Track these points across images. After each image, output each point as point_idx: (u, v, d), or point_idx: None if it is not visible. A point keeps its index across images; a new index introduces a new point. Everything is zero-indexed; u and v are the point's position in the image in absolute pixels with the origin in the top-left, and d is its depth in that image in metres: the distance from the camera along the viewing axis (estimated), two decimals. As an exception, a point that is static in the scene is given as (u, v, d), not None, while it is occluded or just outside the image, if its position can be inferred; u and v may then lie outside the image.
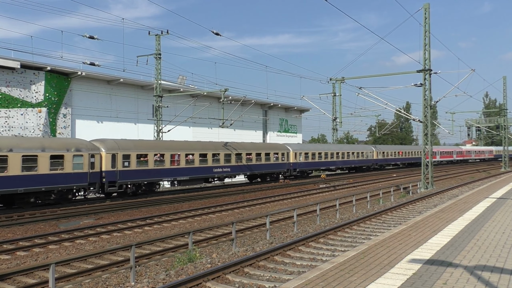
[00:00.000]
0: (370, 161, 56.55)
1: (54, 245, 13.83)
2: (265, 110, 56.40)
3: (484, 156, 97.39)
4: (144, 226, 17.09)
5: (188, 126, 43.42)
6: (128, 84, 39.19)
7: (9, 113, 30.45)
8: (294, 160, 42.14)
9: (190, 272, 9.67)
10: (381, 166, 60.86)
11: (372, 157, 56.73)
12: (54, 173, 22.82)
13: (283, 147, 41.73)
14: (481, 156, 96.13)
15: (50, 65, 32.85)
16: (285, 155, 41.09)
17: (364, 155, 54.91)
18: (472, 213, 14.65)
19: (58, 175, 23.01)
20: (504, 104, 59.29)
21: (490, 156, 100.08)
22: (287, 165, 41.40)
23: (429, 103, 29.61)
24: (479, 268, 7.65)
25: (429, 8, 28.75)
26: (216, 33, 27.75)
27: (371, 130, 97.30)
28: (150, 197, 27.25)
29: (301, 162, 43.16)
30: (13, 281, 9.89)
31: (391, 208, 19.10)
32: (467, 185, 32.47)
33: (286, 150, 41.51)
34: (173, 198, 26.49)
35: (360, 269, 7.69)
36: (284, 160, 41.04)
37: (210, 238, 14.06)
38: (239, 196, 27.57)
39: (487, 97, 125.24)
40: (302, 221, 17.22)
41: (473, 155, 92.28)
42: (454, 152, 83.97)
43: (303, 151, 43.68)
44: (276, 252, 11.09)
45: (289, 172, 41.55)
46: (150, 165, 27.90)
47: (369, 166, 56.91)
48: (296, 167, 42.46)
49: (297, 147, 43.94)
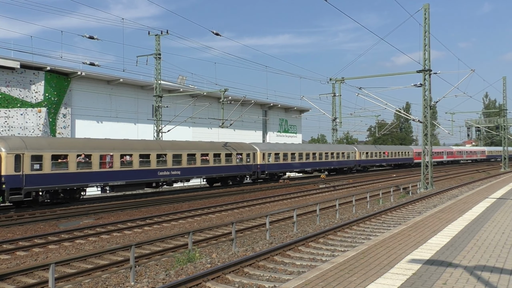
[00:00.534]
0: (352, 162, 52.46)
1: (53, 245, 13.83)
2: (265, 110, 56.40)
3: (476, 157, 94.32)
4: (144, 226, 17.09)
5: (188, 126, 43.42)
6: (128, 84, 39.18)
7: (8, 113, 30.44)
8: (262, 161, 38.32)
9: (190, 272, 9.67)
10: (365, 167, 56.42)
11: (354, 158, 52.81)
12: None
13: (249, 147, 37.61)
14: (472, 156, 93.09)
15: (50, 65, 32.83)
16: (251, 156, 37.06)
17: (345, 156, 50.82)
18: (471, 213, 14.66)
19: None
20: (504, 105, 59.32)
21: (482, 156, 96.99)
22: (254, 167, 37.30)
23: (429, 104, 29.62)
24: (478, 268, 7.65)
25: (429, 9, 28.77)
26: (216, 33, 27.75)
27: (371, 130, 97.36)
28: (150, 198, 27.25)
29: (271, 163, 39.50)
30: (13, 281, 9.89)
31: (390, 208, 19.10)
32: (466, 185, 32.47)
33: (252, 150, 37.66)
34: (173, 198, 26.48)
35: (360, 269, 7.69)
36: (250, 162, 36.87)
37: (210, 238, 14.06)
38: (239, 196, 27.58)
39: (487, 98, 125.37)
40: (302, 221, 17.22)
41: (465, 156, 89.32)
42: (444, 153, 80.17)
43: (273, 151, 39.93)
44: (276, 252, 11.09)
45: (256, 175, 37.79)
46: (71, 168, 23.59)
47: (351, 167, 52.73)
48: (265, 169, 38.69)
49: (266, 146, 40.08)
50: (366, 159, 55.43)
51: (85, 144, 25.40)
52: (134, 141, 29.43)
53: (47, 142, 24.02)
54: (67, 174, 23.58)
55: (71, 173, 23.72)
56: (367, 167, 57.43)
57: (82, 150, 24.65)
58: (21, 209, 22.11)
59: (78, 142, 25.74)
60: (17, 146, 21.87)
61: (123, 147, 27.03)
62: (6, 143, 21.64)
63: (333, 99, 51.23)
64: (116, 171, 26.08)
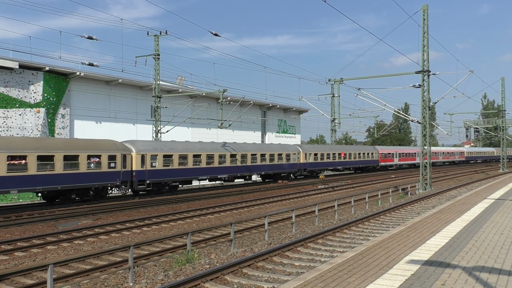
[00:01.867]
0: (296, 166, 43.29)
1: (52, 246, 13.81)
2: (263, 111, 56.40)
3: (453, 158, 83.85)
4: (143, 226, 17.07)
5: (187, 126, 43.41)
6: (126, 85, 39.14)
7: (7, 114, 30.40)
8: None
9: (188, 272, 9.66)
10: (312, 172, 45.95)
11: (297, 161, 43.29)
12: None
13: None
14: (450, 158, 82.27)
15: (48, 65, 32.80)
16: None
17: (283, 158, 41.28)
18: (470, 214, 14.67)
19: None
20: (503, 105, 59.41)
21: (461, 158, 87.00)
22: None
23: (428, 104, 29.65)
24: (477, 269, 7.65)
25: (427, 10, 28.80)
26: (215, 34, 27.75)
27: (369, 131, 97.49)
28: (149, 198, 27.23)
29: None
30: (11, 282, 9.87)
31: (389, 209, 19.11)
32: (465, 186, 32.50)
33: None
34: (171, 199, 26.46)
35: (359, 270, 7.69)
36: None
37: (209, 239, 14.05)
38: (237, 197, 27.56)
39: (486, 98, 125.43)
40: (301, 222, 17.23)
41: (441, 158, 78.09)
42: (418, 154, 66.27)
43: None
44: (275, 253, 11.08)
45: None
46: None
47: (294, 172, 43.47)
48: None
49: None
50: (314, 161, 45.71)
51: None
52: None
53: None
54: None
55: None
56: (316, 171, 46.86)
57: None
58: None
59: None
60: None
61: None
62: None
63: (332, 100, 51.28)
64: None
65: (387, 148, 65.83)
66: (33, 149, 22.18)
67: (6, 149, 21.24)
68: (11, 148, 21.51)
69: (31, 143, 22.78)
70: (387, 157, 61.83)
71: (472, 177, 45.08)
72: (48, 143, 23.83)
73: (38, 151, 22.30)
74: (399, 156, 65.28)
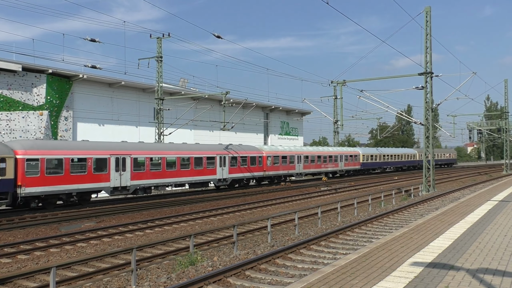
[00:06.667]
0: None
1: (55, 249, 13.81)
2: (266, 113, 56.40)
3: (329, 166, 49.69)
4: (146, 229, 17.08)
5: (190, 129, 43.44)
6: (129, 87, 39.21)
7: (10, 116, 30.48)
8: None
9: (191, 275, 9.65)
10: None
11: None
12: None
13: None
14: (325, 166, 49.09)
15: (51, 68, 32.89)
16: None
17: None
18: (474, 216, 14.61)
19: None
20: (506, 107, 59.27)
21: (354, 165, 51.95)
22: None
23: (431, 106, 29.59)
24: (481, 271, 7.61)
25: (430, 12, 28.77)
26: (217, 36, 27.78)
27: (372, 133, 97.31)
28: (151, 200, 27.23)
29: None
30: (14, 285, 9.88)
31: (392, 211, 19.06)
32: (468, 188, 32.41)
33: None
34: (174, 201, 26.46)
35: (362, 272, 7.66)
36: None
37: (212, 241, 14.04)
38: (240, 199, 27.54)
39: (489, 100, 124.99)
40: (304, 224, 17.20)
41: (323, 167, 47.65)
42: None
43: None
44: (278, 255, 11.06)
45: None
46: None
47: None
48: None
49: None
50: None
51: None
52: None
53: None
54: None
55: None
56: None
57: None
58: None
59: None
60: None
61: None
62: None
63: (335, 102, 51.26)
64: None
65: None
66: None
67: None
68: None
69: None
70: None
71: (475, 179, 44.98)
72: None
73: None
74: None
